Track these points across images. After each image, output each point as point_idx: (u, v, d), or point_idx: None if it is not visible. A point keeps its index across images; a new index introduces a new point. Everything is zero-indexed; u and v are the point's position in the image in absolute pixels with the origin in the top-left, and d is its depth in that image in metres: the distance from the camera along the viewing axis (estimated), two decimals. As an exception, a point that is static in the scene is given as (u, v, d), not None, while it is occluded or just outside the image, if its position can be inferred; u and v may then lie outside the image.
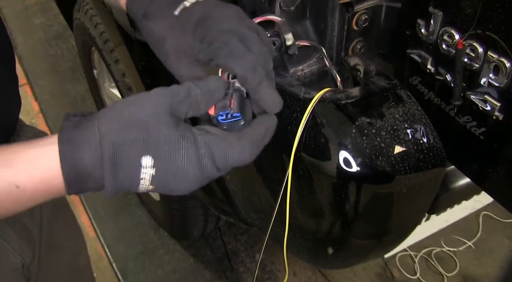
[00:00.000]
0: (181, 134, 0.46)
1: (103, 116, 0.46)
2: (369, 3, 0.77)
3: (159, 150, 0.46)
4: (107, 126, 0.45)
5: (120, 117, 0.45)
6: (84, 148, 0.45)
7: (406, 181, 0.69)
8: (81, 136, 0.45)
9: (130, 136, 0.45)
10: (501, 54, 0.60)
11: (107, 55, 1.23)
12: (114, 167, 0.45)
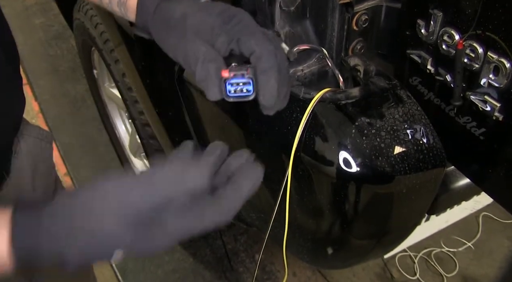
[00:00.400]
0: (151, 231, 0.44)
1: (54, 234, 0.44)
2: (369, 4, 0.77)
3: (129, 247, 0.45)
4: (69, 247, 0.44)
5: (79, 235, 0.44)
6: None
7: (406, 181, 0.69)
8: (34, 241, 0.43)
9: (95, 249, 0.44)
10: (501, 55, 0.60)
11: (107, 55, 1.23)
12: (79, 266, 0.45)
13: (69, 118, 2.34)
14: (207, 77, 0.54)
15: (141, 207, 0.44)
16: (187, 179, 0.45)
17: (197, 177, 0.45)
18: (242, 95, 0.54)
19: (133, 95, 1.15)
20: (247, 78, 0.53)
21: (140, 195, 0.44)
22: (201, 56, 0.54)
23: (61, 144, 2.19)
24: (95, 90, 1.78)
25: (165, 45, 0.58)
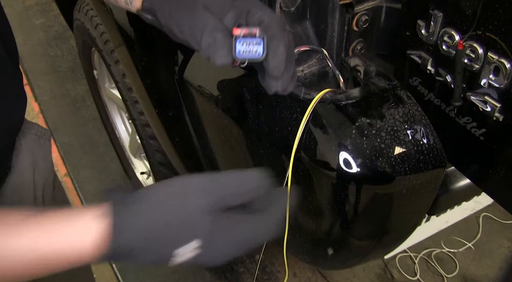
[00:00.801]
0: (221, 233, 0.46)
1: (149, 214, 0.45)
2: (369, 4, 0.77)
3: (205, 241, 0.46)
4: (154, 228, 0.44)
5: (166, 216, 0.45)
6: (136, 252, 0.45)
7: (406, 181, 0.69)
8: (128, 243, 0.44)
9: (178, 235, 0.45)
10: (501, 55, 0.59)
11: (107, 56, 1.23)
12: (150, 261, 0.46)
13: (69, 118, 2.34)
14: (215, 42, 0.54)
15: (221, 197, 0.46)
16: (254, 177, 0.48)
17: (261, 176, 0.48)
18: (251, 56, 0.54)
19: (133, 95, 1.15)
20: (257, 38, 0.53)
21: (217, 187, 0.47)
22: (209, 26, 0.55)
23: (61, 144, 2.19)
24: (95, 91, 1.78)
25: (171, 20, 0.58)
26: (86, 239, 0.44)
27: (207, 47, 0.55)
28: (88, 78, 1.80)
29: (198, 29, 0.55)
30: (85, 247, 0.44)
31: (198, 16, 0.56)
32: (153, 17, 0.61)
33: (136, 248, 0.45)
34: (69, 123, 2.31)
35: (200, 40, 0.55)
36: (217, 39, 0.54)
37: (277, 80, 0.58)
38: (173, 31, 0.59)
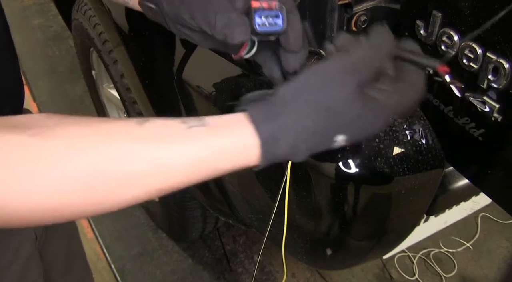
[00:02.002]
0: (370, 108, 0.49)
1: (293, 105, 0.47)
2: (368, 4, 0.77)
3: (351, 129, 0.49)
4: (300, 121, 0.47)
5: (312, 105, 0.47)
6: (282, 143, 0.47)
7: (404, 182, 0.69)
8: (277, 130, 0.47)
9: (323, 125, 0.48)
10: (500, 56, 0.59)
11: (105, 56, 1.22)
12: (310, 151, 0.49)
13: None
14: (230, 21, 0.54)
15: (361, 69, 0.48)
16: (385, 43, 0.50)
17: (391, 40, 0.51)
18: (271, 29, 0.54)
19: (131, 96, 1.15)
20: (276, 11, 0.54)
21: (359, 57, 0.49)
22: (222, 7, 0.54)
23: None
24: (93, 91, 1.78)
25: (181, 5, 0.57)
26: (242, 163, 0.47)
27: (223, 28, 0.54)
28: (87, 79, 1.80)
29: (211, 11, 0.54)
30: (253, 148, 0.47)
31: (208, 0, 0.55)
32: (156, 7, 0.60)
33: (288, 155, 0.49)
34: (68, 124, 2.31)
35: (214, 22, 0.54)
36: (232, 18, 0.54)
37: (295, 55, 0.58)
38: (183, 18, 0.57)
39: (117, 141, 0.44)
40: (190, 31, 0.61)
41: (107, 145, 0.44)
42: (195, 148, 0.46)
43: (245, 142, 0.47)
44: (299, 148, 0.48)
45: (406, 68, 0.53)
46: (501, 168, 0.68)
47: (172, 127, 0.46)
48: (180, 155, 0.45)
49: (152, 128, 0.46)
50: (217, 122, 0.48)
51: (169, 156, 0.45)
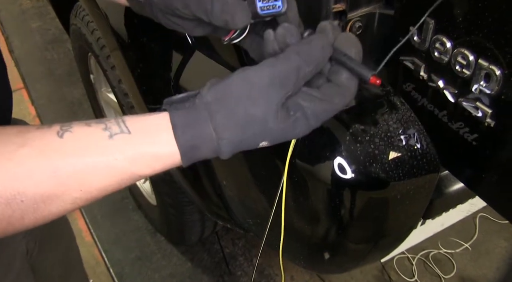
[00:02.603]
0: (294, 119, 0.50)
1: (216, 115, 0.48)
2: (362, 11, 0.78)
3: (275, 136, 0.50)
4: (223, 130, 0.48)
5: (236, 117, 0.48)
6: (203, 149, 0.48)
7: (400, 187, 0.70)
8: (198, 140, 0.48)
9: (249, 133, 0.49)
10: (492, 62, 0.60)
11: (103, 61, 1.23)
12: (232, 153, 0.50)
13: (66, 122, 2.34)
14: (228, 5, 0.54)
15: (284, 78, 0.49)
16: (314, 49, 0.51)
17: (324, 46, 0.51)
18: (273, 11, 0.56)
19: (129, 101, 1.16)
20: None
21: (281, 69, 0.49)
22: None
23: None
24: (92, 95, 1.79)
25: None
26: (163, 163, 0.49)
27: (221, 13, 0.54)
28: (85, 82, 1.81)
29: None
30: (160, 167, 0.49)
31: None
32: (145, 0, 0.60)
33: (212, 156, 0.50)
34: (66, 127, 2.31)
35: (211, 8, 0.54)
36: (229, 1, 0.53)
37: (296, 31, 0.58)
38: (175, 7, 0.57)
39: (34, 157, 0.44)
40: (181, 20, 0.60)
41: (25, 163, 0.43)
42: (117, 160, 0.46)
43: (166, 149, 0.48)
44: (222, 152, 0.49)
45: (340, 71, 0.53)
46: (495, 172, 0.69)
47: (93, 137, 0.46)
48: (101, 167, 0.46)
49: (72, 140, 0.46)
50: (139, 127, 0.48)
51: (91, 170, 0.45)
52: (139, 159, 0.47)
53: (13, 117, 0.75)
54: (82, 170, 0.45)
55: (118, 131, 0.46)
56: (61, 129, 0.46)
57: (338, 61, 0.53)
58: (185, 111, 0.48)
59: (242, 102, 0.48)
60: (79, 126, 0.47)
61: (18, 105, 2.43)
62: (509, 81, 0.59)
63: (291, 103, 0.50)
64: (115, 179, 0.47)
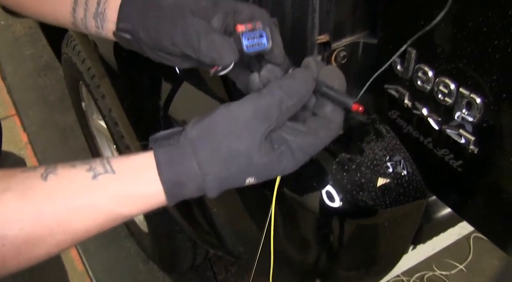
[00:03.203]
0: (279, 153, 0.50)
1: (200, 152, 0.48)
2: (347, 40, 0.79)
3: (261, 172, 0.50)
4: (208, 166, 0.48)
5: (220, 153, 0.48)
6: (188, 186, 0.48)
7: (387, 214, 0.70)
8: (183, 177, 0.48)
9: (233, 169, 0.49)
10: (473, 91, 0.61)
11: (94, 90, 1.24)
12: (219, 190, 0.50)
13: (58, 149, 2.33)
14: (214, 43, 0.55)
15: (270, 124, 0.49)
16: (297, 85, 0.51)
17: (307, 80, 0.52)
18: (259, 49, 0.57)
19: (119, 130, 1.16)
20: (260, 30, 0.56)
21: (266, 104, 0.49)
22: (203, 30, 0.55)
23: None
24: (83, 122, 1.79)
25: (159, 33, 0.58)
26: (148, 203, 0.49)
27: (208, 51, 0.55)
28: (76, 110, 1.81)
29: (193, 35, 0.55)
30: (146, 207, 0.49)
31: (189, 23, 0.56)
32: (132, 37, 0.60)
33: (198, 194, 0.50)
34: (58, 154, 2.30)
35: (198, 46, 0.55)
36: (216, 40, 0.55)
37: (280, 66, 0.60)
38: (163, 44, 0.58)
39: (17, 201, 0.44)
40: (169, 55, 0.61)
41: (7, 207, 0.43)
42: (100, 201, 0.46)
43: (150, 189, 0.47)
44: (208, 189, 0.49)
45: (324, 104, 0.54)
46: (481, 197, 0.69)
47: (77, 178, 0.46)
48: (85, 209, 0.46)
49: (56, 182, 0.45)
50: (124, 167, 0.48)
51: (74, 211, 0.45)
52: (124, 198, 0.47)
53: (5, 148, 0.76)
54: (65, 212, 0.45)
55: (103, 172, 0.47)
56: (45, 171, 0.46)
57: (320, 93, 0.54)
58: (169, 148, 0.48)
59: (226, 137, 0.48)
60: (64, 168, 0.47)
61: (10, 132, 2.43)
62: (489, 109, 0.61)
63: (275, 137, 0.50)
64: (99, 220, 0.47)
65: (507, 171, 0.63)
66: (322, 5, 0.74)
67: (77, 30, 0.66)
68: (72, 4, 0.62)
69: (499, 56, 0.57)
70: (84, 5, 0.62)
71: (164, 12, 0.58)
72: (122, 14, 0.61)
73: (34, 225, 0.44)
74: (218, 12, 0.57)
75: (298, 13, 0.74)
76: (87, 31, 0.66)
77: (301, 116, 0.55)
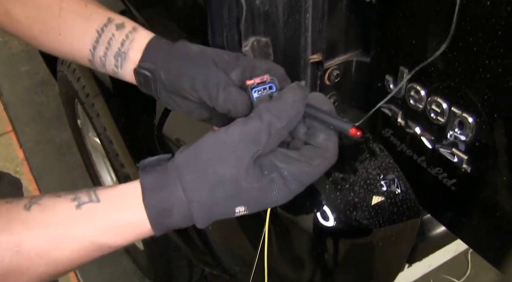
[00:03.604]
0: (270, 180, 0.48)
1: (186, 176, 0.47)
2: (340, 59, 0.80)
3: (251, 200, 0.48)
4: (193, 191, 0.47)
5: (206, 178, 0.47)
6: (173, 213, 0.47)
7: (381, 233, 0.70)
8: (167, 203, 0.47)
9: (220, 195, 0.47)
10: (464, 110, 0.62)
11: (89, 108, 1.24)
12: (207, 219, 0.48)
13: (55, 165, 2.33)
14: (231, 96, 0.55)
15: (256, 151, 0.48)
16: (286, 106, 0.50)
17: (295, 100, 0.51)
18: (265, 94, 0.57)
19: (114, 148, 1.16)
20: (269, 83, 0.57)
21: (253, 127, 0.48)
22: (223, 82, 0.56)
23: (46, 192, 2.17)
24: (79, 139, 1.79)
25: (181, 77, 0.59)
26: (132, 231, 0.47)
27: (224, 103, 0.56)
28: (72, 127, 1.81)
29: (213, 85, 0.56)
30: (130, 237, 0.48)
31: (212, 72, 0.57)
32: (151, 75, 0.61)
33: (185, 224, 0.48)
34: (54, 171, 2.30)
35: (216, 96, 0.56)
36: (233, 93, 0.55)
37: None
38: (182, 87, 0.59)
39: None
40: (183, 101, 0.62)
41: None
42: (83, 230, 0.45)
43: (134, 216, 0.46)
44: (195, 217, 0.47)
45: (316, 132, 0.52)
46: (475, 216, 0.69)
47: (60, 208, 0.46)
48: (67, 239, 0.45)
49: (38, 212, 0.45)
50: (109, 195, 0.47)
51: (56, 242, 0.44)
52: (108, 228, 0.46)
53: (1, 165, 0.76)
54: (46, 243, 0.44)
55: (87, 201, 0.46)
56: (29, 202, 0.45)
57: (312, 117, 0.54)
58: (155, 175, 0.48)
59: (212, 162, 0.47)
60: (48, 198, 0.46)
61: (6, 148, 2.42)
62: (482, 128, 0.61)
63: (265, 162, 0.49)
64: (82, 251, 0.46)
65: (501, 190, 0.63)
66: (315, 24, 0.75)
67: (93, 67, 0.67)
68: (93, 42, 0.63)
69: (490, 76, 0.57)
70: (107, 44, 0.63)
71: (190, 57, 0.60)
72: (146, 55, 0.62)
73: (13, 256, 0.43)
74: (238, 67, 0.59)
75: (290, 32, 0.75)
76: (103, 69, 0.66)
77: (292, 145, 0.54)
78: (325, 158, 0.51)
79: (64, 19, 0.63)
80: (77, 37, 0.64)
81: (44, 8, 0.63)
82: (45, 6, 0.63)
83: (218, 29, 0.70)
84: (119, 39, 0.63)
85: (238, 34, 0.71)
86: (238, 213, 0.49)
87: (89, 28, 0.63)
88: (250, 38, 0.72)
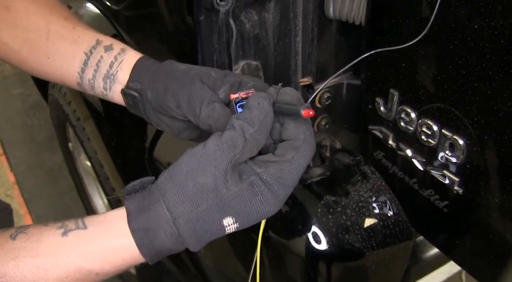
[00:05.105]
0: (249, 183, 0.48)
1: (167, 193, 0.47)
2: (330, 82, 0.80)
3: (236, 208, 0.48)
4: (176, 206, 0.46)
5: (186, 191, 0.47)
6: (160, 233, 0.46)
7: (374, 256, 0.69)
8: (152, 222, 0.46)
9: (203, 207, 0.47)
10: (454, 132, 0.62)
11: (80, 132, 1.23)
12: (196, 237, 0.48)
13: (46, 189, 2.31)
14: (214, 112, 0.55)
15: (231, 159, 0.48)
16: (254, 112, 0.50)
17: (259, 101, 0.51)
18: None
19: (105, 172, 1.15)
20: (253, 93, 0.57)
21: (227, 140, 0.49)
22: (207, 98, 0.56)
23: (37, 217, 2.14)
24: (71, 163, 1.77)
25: (167, 95, 0.59)
26: (121, 257, 0.47)
27: (207, 118, 0.56)
28: (64, 151, 1.80)
29: (197, 101, 0.56)
30: (120, 263, 0.47)
31: (196, 89, 0.57)
32: (139, 96, 0.62)
33: (174, 245, 0.48)
34: (46, 195, 2.27)
35: (199, 112, 0.56)
36: (216, 109, 0.56)
37: None
38: (167, 105, 0.59)
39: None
40: (171, 120, 0.62)
41: None
42: (68, 258, 0.45)
43: (121, 241, 0.46)
44: (185, 237, 0.47)
45: (286, 125, 0.53)
46: (467, 237, 0.69)
47: (46, 236, 0.45)
48: (53, 267, 0.44)
49: (24, 241, 0.44)
50: (96, 222, 0.47)
51: (41, 271, 0.44)
52: (94, 254, 0.45)
53: None
54: (30, 273, 0.43)
55: (74, 228, 0.46)
56: (16, 231, 0.45)
57: (276, 112, 0.54)
58: (139, 198, 0.48)
59: (191, 174, 0.47)
60: (36, 227, 0.46)
61: (-3, 172, 2.41)
62: (472, 150, 0.61)
63: (244, 168, 0.49)
64: (68, 279, 0.45)
65: (492, 211, 0.62)
66: (304, 48, 0.75)
67: (81, 90, 0.67)
68: (82, 64, 0.63)
69: (479, 98, 0.57)
70: (95, 66, 0.63)
71: (175, 75, 0.60)
72: (133, 75, 0.62)
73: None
74: (225, 84, 0.59)
75: (281, 56, 0.75)
76: (92, 92, 0.67)
77: (272, 148, 0.54)
78: (296, 148, 0.51)
79: (52, 42, 0.63)
80: (65, 60, 0.64)
81: (32, 31, 0.63)
82: (33, 29, 0.63)
83: (208, 54, 0.70)
84: (108, 61, 0.63)
85: (228, 58, 0.72)
86: (228, 227, 0.49)
87: (77, 50, 0.63)
88: (240, 62, 0.72)
